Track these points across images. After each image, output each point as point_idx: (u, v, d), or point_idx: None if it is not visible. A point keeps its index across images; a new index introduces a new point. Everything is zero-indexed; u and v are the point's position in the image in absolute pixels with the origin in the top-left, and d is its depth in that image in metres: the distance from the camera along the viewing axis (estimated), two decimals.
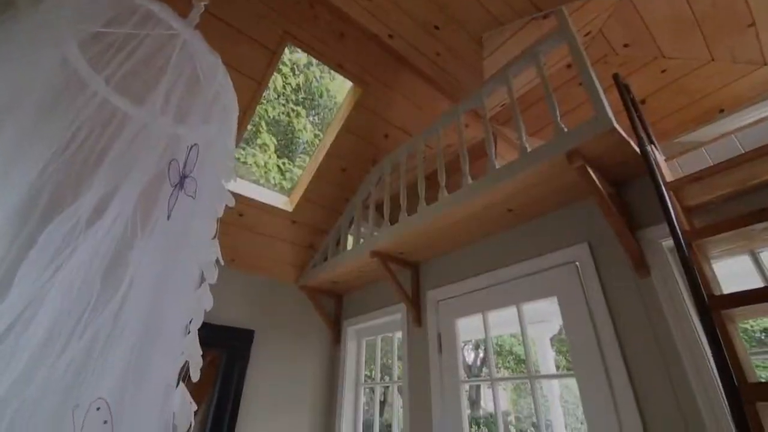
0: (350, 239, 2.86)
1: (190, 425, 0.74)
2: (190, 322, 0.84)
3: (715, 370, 1.18)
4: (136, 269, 0.60)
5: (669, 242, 1.44)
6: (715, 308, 0.89)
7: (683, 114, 2.48)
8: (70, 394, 0.46)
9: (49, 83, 0.77)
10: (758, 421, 0.70)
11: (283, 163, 6.37)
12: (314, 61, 6.36)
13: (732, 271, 1.49)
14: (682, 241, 1.02)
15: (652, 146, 1.48)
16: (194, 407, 0.86)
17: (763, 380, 0.84)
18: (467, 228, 2.03)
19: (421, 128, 2.44)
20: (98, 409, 0.48)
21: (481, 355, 13.12)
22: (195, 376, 0.80)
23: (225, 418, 2.27)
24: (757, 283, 1.33)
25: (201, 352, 0.88)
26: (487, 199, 1.75)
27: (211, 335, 2.40)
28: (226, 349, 2.43)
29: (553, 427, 3.20)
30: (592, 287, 1.57)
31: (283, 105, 6.67)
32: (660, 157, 1.53)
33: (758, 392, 0.75)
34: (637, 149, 1.43)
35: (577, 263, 1.66)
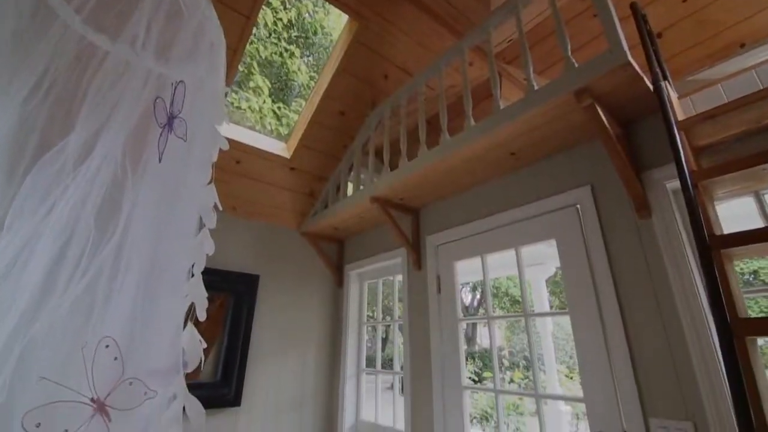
0: (350, 186, 2.84)
1: (201, 361, 0.77)
2: (193, 266, 0.85)
3: (706, 309, 1.23)
4: (130, 212, 0.59)
5: (673, 184, 1.42)
6: (715, 247, 0.89)
7: (701, 49, 2.33)
8: (77, 333, 0.47)
9: (18, 14, 0.71)
10: (746, 354, 0.74)
11: (279, 108, 6.14)
12: None
13: (733, 213, 1.49)
14: (689, 182, 1.00)
15: (666, 83, 1.40)
16: (204, 345, 0.89)
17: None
18: (469, 172, 1.99)
19: (424, 68, 2.30)
20: (107, 346, 0.50)
21: (478, 296, 13.74)
22: (201, 316, 0.82)
23: (236, 356, 2.41)
24: (757, 225, 1.33)
25: (206, 294, 0.90)
26: (490, 141, 1.70)
27: (219, 280, 2.48)
28: (233, 293, 2.52)
29: (544, 360, 3.42)
30: (591, 230, 1.58)
31: (275, 44, 6.28)
32: (673, 95, 1.46)
33: (748, 327, 0.78)
34: (650, 85, 1.36)
35: (578, 206, 1.65)
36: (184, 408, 0.75)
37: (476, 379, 9.74)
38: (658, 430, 1.25)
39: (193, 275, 0.88)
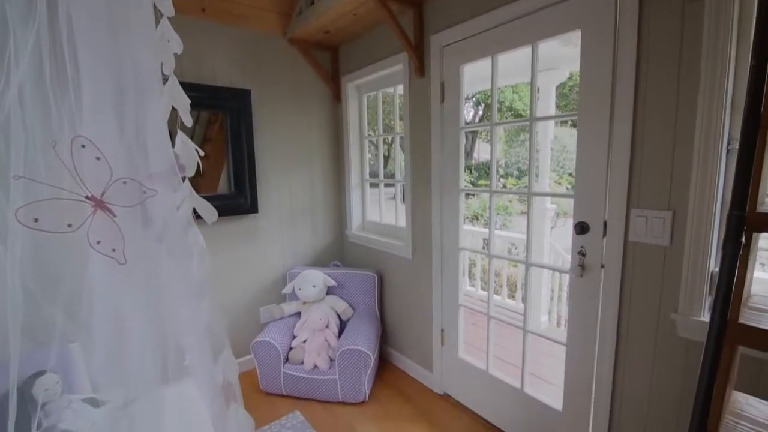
0: None
1: (199, 165, 0.76)
2: (162, 66, 0.74)
3: (728, 111, 1.15)
4: None
5: None
6: None
7: None
8: (38, 129, 0.43)
9: None
10: (764, 145, 0.70)
11: None
12: None
13: None
14: None
15: None
16: (201, 153, 0.87)
17: None
18: None
19: None
20: (83, 146, 0.46)
21: (480, 112, 13.54)
22: (187, 120, 0.76)
23: (244, 171, 2.51)
24: None
25: (188, 100, 0.82)
26: None
27: (208, 96, 2.34)
28: (227, 110, 2.43)
29: (539, 169, 3.57)
30: (628, 16, 1.33)
31: None
32: None
33: None
34: None
35: None
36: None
37: (471, 186, 10.59)
38: (636, 218, 1.37)
39: (167, 78, 0.78)
